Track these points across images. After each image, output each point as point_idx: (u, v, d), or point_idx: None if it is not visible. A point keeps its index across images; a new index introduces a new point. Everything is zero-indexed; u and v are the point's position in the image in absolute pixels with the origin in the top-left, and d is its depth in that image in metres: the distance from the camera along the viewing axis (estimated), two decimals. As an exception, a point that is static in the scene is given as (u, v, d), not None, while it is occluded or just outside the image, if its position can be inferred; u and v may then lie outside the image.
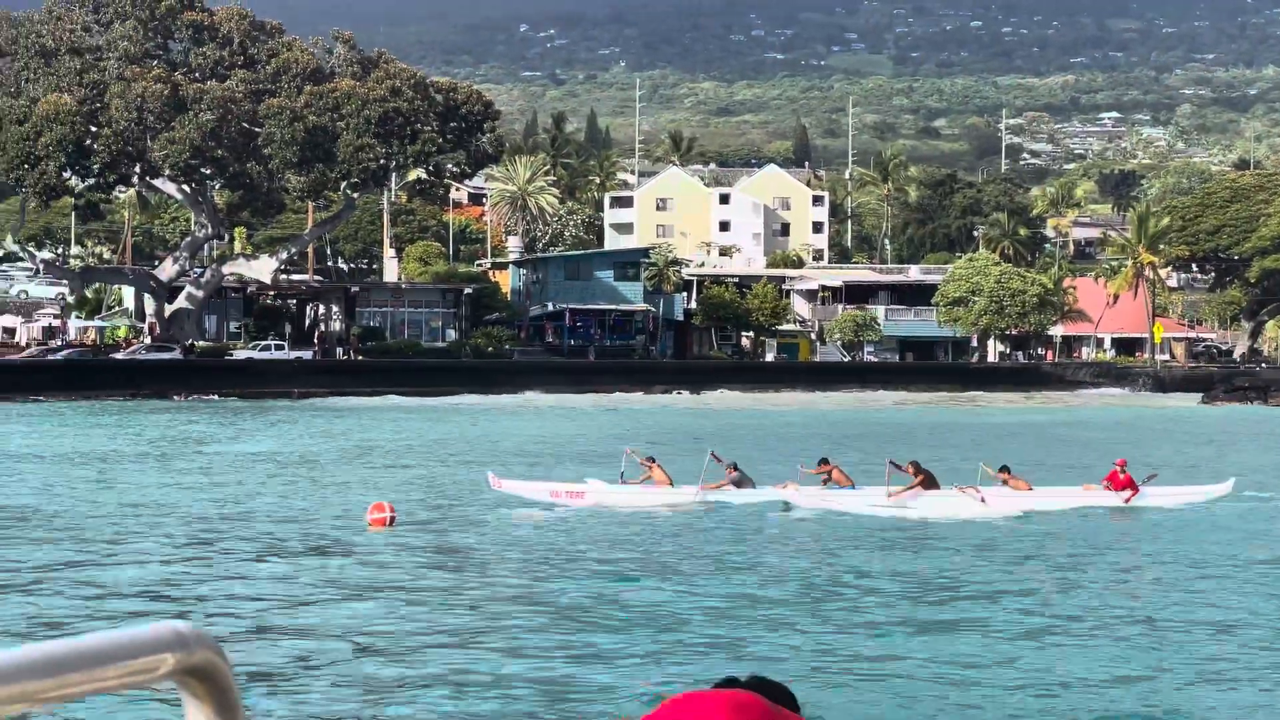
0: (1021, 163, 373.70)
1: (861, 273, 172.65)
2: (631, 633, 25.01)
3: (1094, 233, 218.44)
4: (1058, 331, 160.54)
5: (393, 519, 39.28)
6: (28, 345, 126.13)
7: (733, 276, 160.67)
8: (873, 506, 42.20)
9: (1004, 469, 44.30)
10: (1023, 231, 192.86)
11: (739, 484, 43.96)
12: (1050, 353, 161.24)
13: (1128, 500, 43.56)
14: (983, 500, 42.42)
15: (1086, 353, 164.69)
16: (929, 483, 43.20)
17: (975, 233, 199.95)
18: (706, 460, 44.18)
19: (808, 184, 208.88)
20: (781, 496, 43.11)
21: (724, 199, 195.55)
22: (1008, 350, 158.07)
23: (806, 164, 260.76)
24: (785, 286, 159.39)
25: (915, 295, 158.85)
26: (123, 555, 33.49)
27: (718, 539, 37.52)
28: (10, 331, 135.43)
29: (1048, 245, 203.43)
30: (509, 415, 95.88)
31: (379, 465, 57.71)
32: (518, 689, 20.87)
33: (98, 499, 44.93)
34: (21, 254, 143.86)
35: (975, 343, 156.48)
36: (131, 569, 31.47)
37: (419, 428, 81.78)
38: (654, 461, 44.98)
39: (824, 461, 45.13)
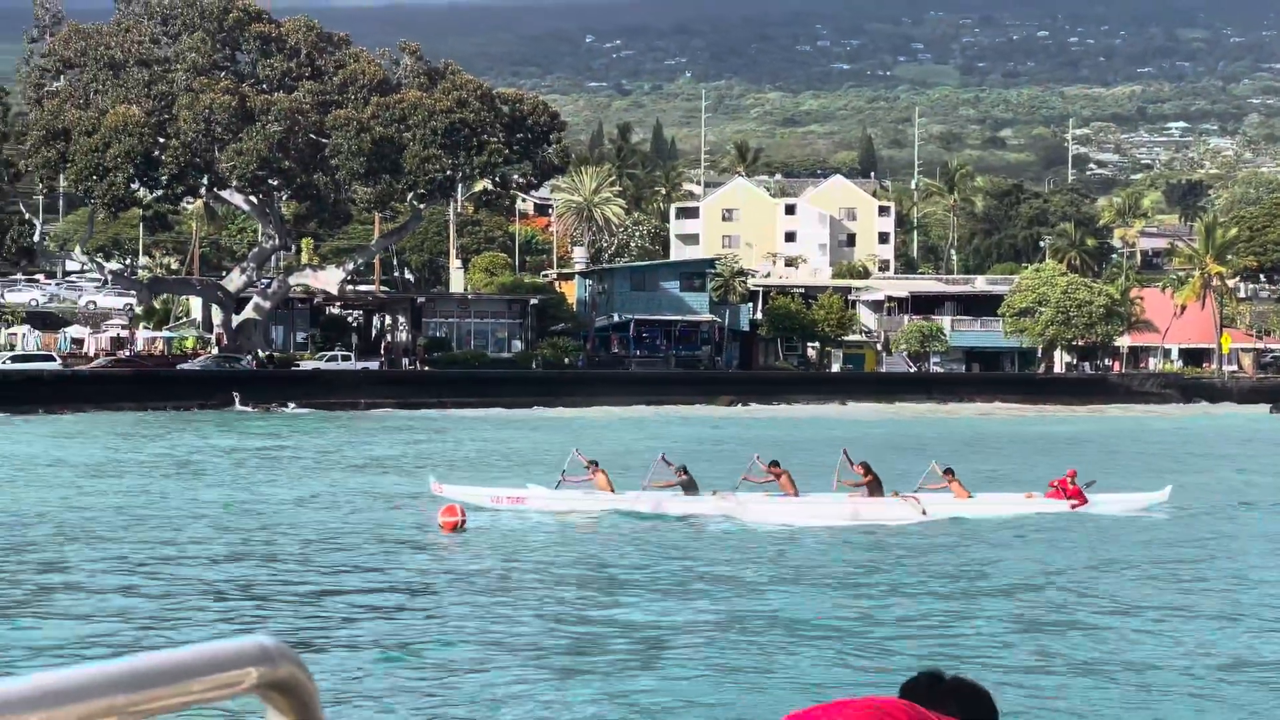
0: (1088, 173, 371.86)
1: (927, 283, 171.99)
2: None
3: (1161, 243, 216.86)
4: (1124, 342, 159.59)
5: (463, 522, 39.44)
6: (96, 355, 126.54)
7: (798, 287, 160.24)
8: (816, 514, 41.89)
9: (948, 471, 44.18)
10: (1089, 242, 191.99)
11: (688, 488, 43.64)
12: (1117, 364, 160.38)
13: (1074, 508, 43.32)
14: (924, 512, 42.01)
15: (1153, 363, 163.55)
16: (875, 486, 42.90)
17: (1041, 243, 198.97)
18: (655, 463, 44.46)
19: (874, 194, 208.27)
20: (721, 508, 42.65)
21: (790, 210, 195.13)
22: (1074, 361, 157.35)
23: (872, 174, 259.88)
24: (851, 297, 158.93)
25: (981, 306, 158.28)
26: (193, 562, 33.65)
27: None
28: (79, 342, 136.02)
29: (1115, 256, 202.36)
30: (597, 427, 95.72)
31: (451, 474, 57.65)
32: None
33: (171, 506, 45.17)
34: (90, 265, 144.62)
35: (1041, 354, 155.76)
36: (204, 576, 31.63)
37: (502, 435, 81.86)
38: (597, 466, 44.95)
39: (774, 464, 44.26)
